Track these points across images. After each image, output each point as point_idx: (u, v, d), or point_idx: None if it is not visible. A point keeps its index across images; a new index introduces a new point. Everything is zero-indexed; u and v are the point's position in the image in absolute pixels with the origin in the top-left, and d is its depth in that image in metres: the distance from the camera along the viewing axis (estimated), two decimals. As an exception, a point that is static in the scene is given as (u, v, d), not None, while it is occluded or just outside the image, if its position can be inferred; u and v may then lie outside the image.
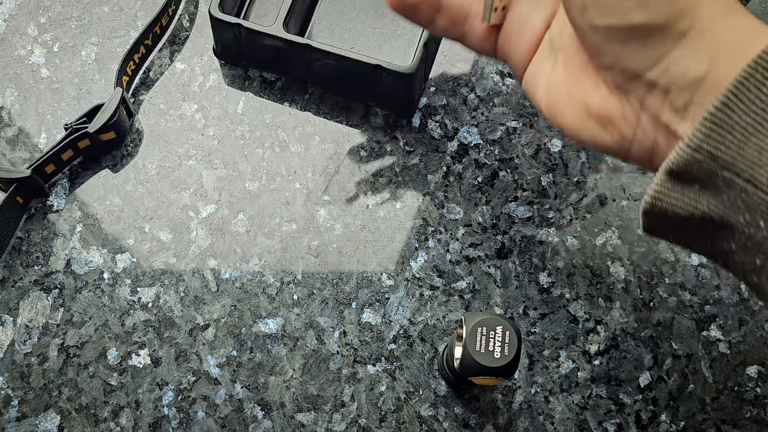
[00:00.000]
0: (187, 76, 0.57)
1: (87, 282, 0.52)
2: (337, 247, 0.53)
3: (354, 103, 0.56)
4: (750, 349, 0.51)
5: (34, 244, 0.52)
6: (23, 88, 0.56)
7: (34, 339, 0.50)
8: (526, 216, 0.54)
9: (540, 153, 0.55)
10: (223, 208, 0.54)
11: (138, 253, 0.52)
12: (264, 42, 0.53)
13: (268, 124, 0.56)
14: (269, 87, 0.57)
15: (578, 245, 0.53)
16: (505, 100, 0.56)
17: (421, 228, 0.53)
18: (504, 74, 0.57)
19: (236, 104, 0.56)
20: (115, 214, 0.53)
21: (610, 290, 0.52)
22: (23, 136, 0.55)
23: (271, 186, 0.54)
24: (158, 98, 0.56)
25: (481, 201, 0.54)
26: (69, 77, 0.57)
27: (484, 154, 0.55)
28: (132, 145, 0.55)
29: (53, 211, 0.53)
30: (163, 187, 0.54)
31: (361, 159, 0.55)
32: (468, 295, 0.52)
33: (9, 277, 0.52)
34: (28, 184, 0.51)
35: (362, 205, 0.54)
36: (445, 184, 0.54)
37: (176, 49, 0.58)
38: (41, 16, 0.58)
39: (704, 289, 0.52)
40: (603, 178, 0.54)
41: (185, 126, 0.56)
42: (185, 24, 0.58)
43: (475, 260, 0.52)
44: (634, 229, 0.53)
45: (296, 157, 0.55)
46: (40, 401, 0.49)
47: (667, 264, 0.52)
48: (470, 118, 0.56)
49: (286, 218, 0.53)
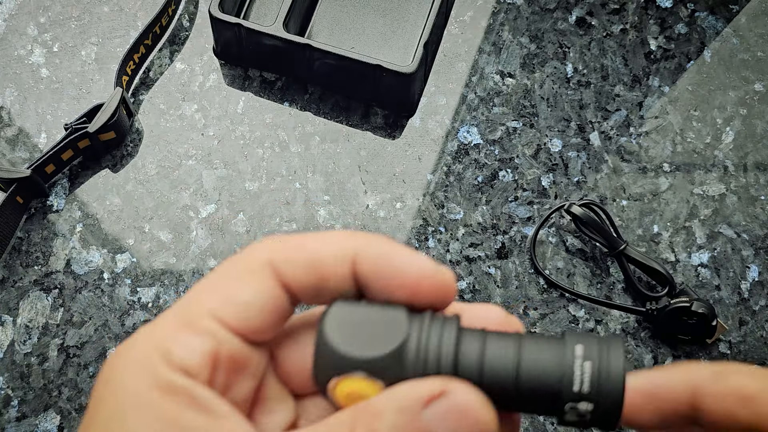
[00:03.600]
0: (187, 76, 0.57)
1: (87, 282, 0.52)
2: (337, 247, 0.53)
3: (354, 103, 0.56)
4: (750, 349, 0.51)
5: (34, 244, 0.52)
6: (23, 88, 0.56)
7: (34, 339, 0.50)
8: (526, 216, 0.53)
9: (540, 153, 0.55)
10: (223, 208, 0.54)
11: (138, 253, 0.52)
12: (264, 42, 0.53)
13: (268, 124, 0.56)
14: (269, 87, 0.57)
15: (579, 245, 0.53)
16: (505, 100, 0.56)
17: (421, 228, 0.53)
18: (504, 74, 0.57)
19: (236, 104, 0.56)
20: (115, 214, 0.53)
21: (610, 290, 0.52)
22: (23, 136, 0.55)
23: (271, 186, 0.54)
24: (158, 98, 0.56)
25: (481, 201, 0.54)
26: (69, 77, 0.57)
27: (484, 154, 0.55)
28: (132, 145, 0.55)
29: (53, 211, 0.53)
30: (163, 187, 0.54)
31: (361, 159, 0.55)
32: (468, 295, 0.52)
33: (9, 277, 0.52)
34: (28, 184, 0.51)
35: (362, 205, 0.54)
36: (445, 184, 0.54)
37: (176, 49, 0.58)
38: (41, 16, 0.58)
39: (704, 289, 0.52)
40: (603, 178, 0.54)
41: (185, 126, 0.56)
42: (185, 24, 0.58)
43: (475, 260, 0.52)
44: (634, 229, 0.53)
45: (296, 157, 0.55)
46: (40, 401, 0.49)
47: (667, 264, 0.52)
48: (470, 118, 0.56)
49: (286, 218, 0.53)
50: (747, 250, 0.53)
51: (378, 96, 0.55)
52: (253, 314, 0.22)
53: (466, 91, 0.56)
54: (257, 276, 0.23)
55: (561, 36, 0.58)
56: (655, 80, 0.57)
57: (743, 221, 0.53)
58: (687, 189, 0.54)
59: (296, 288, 0.23)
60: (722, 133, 0.56)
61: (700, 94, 0.57)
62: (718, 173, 0.55)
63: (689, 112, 0.56)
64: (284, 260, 0.23)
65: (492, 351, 0.22)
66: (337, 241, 0.23)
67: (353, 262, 0.23)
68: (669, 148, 0.55)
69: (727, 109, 0.56)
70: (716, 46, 0.58)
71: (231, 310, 0.22)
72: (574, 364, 0.21)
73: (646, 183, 0.54)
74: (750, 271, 0.52)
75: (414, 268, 0.23)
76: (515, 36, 0.58)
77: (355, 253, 0.23)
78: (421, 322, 0.22)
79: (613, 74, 0.57)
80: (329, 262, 0.23)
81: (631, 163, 0.55)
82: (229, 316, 0.22)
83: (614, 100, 0.56)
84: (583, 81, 0.57)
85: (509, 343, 0.22)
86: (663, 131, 0.56)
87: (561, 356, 0.22)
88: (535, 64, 0.57)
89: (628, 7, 0.59)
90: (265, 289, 0.23)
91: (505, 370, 0.22)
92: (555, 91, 0.56)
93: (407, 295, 0.23)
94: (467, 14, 0.59)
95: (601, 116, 0.56)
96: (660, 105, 0.56)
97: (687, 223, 0.53)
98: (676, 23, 0.58)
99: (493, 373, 0.21)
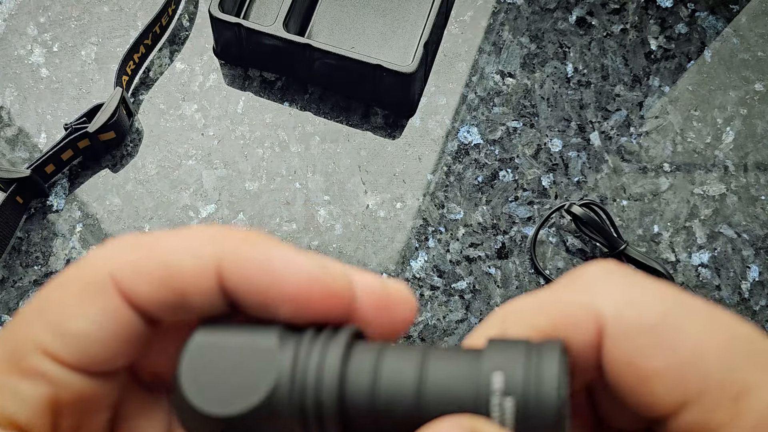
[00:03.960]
0: (187, 75, 0.57)
1: (87, 282, 0.51)
2: (337, 247, 0.53)
3: (354, 103, 0.56)
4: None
5: (34, 244, 0.52)
6: (23, 88, 0.56)
7: (33, 339, 0.50)
8: (526, 216, 0.53)
9: (540, 153, 0.55)
10: (223, 208, 0.53)
11: (138, 253, 0.52)
12: (264, 42, 0.53)
13: (268, 124, 0.56)
14: (269, 87, 0.57)
15: (579, 245, 0.53)
16: (506, 100, 0.56)
17: (421, 228, 0.53)
18: (504, 74, 0.57)
19: (236, 104, 0.56)
20: (115, 214, 0.53)
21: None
22: (23, 136, 0.55)
23: (271, 186, 0.54)
24: (158, 98, 0.56)
25: (481, 201, 0.54)
26: (69, 77, 0.57)
27: (484, 154, 0.55)
28: (132, 145, 0.55)
29: (53, 211, 0.53)
30: (163, 187, 0.54)
31: (361, 159, 0.55)
32: (468, 295, 0.52)
33: (9, 277, 0.52)
34: (28, 184, 0.51)
35: (362, 205, 0.54)
36: (445, 184, 0.54)
37: (176, 48, 0.58)
38: (41, 16, 0.58)
39: (705, 289, 0.52)
40: (603, 178, 0.54)
41: (185, 126, 0.55)
42: (185, 24, 0.58)
43: (475, 260, 0.52)
44: (635, 229, 0.53)
45: (296, 157, 0.55)
46: (40, 401, 0.49)
47: (667, 264, 0.52)
48: (470, 118, 0.56)
49: (286, 218, 0.53)
50: (747, 250, 0.53)
51: (378, 96, 0.55)
52: (94, 345, 0.18)
53: (466, 91, 0.56)
54: (96, 296, 0.18)
55: (561, 36, 0.58)
56: (656, 80, 0.57)
57: (743, 221, 0.53)
58: (687, 189, 0.54)
59: (149, 307, 0.18)
60: (722, 133, 0.56)
61: (701, 94, 0.57)
62: (719, 173, 0.55)
63: (689, 112, 0.56)
64: (130, 273, 0.18)
65: (387, 380, 0.17)
66: (197, 244, 0.18)
67: (218, 272, 0.18)
68: (669, 148, 0.55)
69: (727, 109, 0.56)
70: (716, 46, 0.58)
71: (64, 342, 0.18)
72: (489, 403, 0.17)
73: (647, 183, 0.54)
74: (750, 271, 0.52)
75: (296, 275, 0.18)
76: (515, 36, 0.58)
77: (219, 260, 0.18)
78: (298, 346, 0.18)
79: (613, 74, 0.57)
80: (187, 274, 0.18)
81: (631, 163, 0.55)
82: (63, 350, 0.18)
83: (614, 100, 0.56)
84: (584, 81, 0.57)
85: (410, 367, 0.17)
86: (663, 131, 0.56)
87: (475, 390, 0.17)
88: (535, 64, 0.57)
89: (629, 7, 0.59)
90: (106, 312, 0.18)
91: (402, 406, 0.17)
92: (555, 91, 0.56)
93: (292, 310, 0.18)
94: (467, 14, 0.59)
95: (602, 116, 0.56)
96: (660, 105, 0.56)
97: (687, 223, 0.53)
98: (676, 23, 0.58)
99: (388, 409, 0.17)
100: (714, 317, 0.18)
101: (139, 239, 0.18)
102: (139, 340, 0.19)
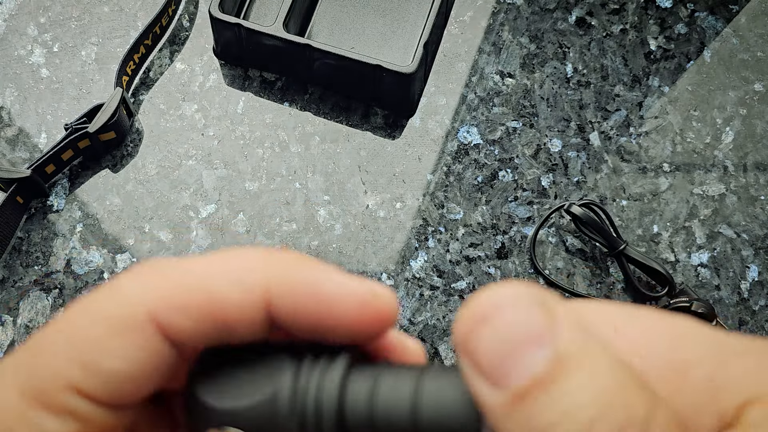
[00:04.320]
0: (187, 76, 0.57)
1: (87, 282, 0.52)
2: (337, 247, 0.53)
3: (354, 103, 0.56)
4: (750, 349, 0.51)
5: (34, 244, 0.52)
6: (23, 88, 0.56)
7: (34, 339, 0.50)
8: (525, 216, 0.54)
9: (540, 153, 0.55)
10: (223, 208, 0.54)
11: (138, 253, 0.52)
12: (264, 42, 0.53)
13: (268, 124, 0.56)
14: (269, 87, 0.57)
15: (579, 245, 0.53)
16: (505, 100, 0.56)
17: (421, 228, 0.53)
18: (504, 74, 0.57)
19: (236, 104, 0.56)
20: (115, 214, 0.53)
21: (610, 290, 0.52)
22: (23, 136, 0.55)
23: (271, 186, 0.54)
24: (158, 98, 0.56)
25: (481, 201, 0.54)
26: (69, 77, 0.57)
27: (484, 154, 0.55)
28: (132, 145, 0.55)
29: (53, 211, 0.53)
30: (163, 187, 0.54)
31: (361, 159, 0.55)
32: (468, 295, 0.52)
33: (9, 277, 0.52)
34: (28, 184, 0.51)
35: (362, 205, 0.54)
36: (445, 184, 0.54)
37: (176, 49, 0.58)
38: (41, 16, 0.58)
39: (704, 289, 0.52)
40: (603, 178, 0.54)
41: (185, 126, 0.56)
42: (185, 24, 0.58)
43: (475, 260, 0.52)
44: (634, 229, 0.53)
45: (296, 157, 0.55)
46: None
47: (667, 264, 0.52)
48: (470, 118, 0.56)
49: (286, 218, 0.53)
50: (747, 250, 0.53)
51: (378, 96, 0.55)
52: (128, 381, 0.17)
53: (466, 91, 0.56)
54: (134, 334, 0.17)
55: (561, 36, 0.58)
56: (655, 80, 0.57)
57: (743, 221, 0.53)
58: (687, 189, 0.54)
59: (189, 341, 0.18)
60: (722, 133, 0.56)
61: (700, 94, 0.57)
62: (718, 173, 0.55)
63: (689, 112, 0.56)
64: (170, 309, 0.17)
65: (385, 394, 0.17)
66: (242, 271, 0.17)
67: (266, 300, 0.17)
68: (669, 148, 0.55)
69: (726, 109, 0.56)
70: (716, 46, 0.58)
71: (98, 380, 0.17)
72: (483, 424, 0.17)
73: (646, 183, 0.54)
74: (750, 271, 0.52)
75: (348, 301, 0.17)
76: (515, 36, 0.58)
77: (267, 287, 0.17)
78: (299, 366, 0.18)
79: (613, 74, 0.57)
80: (233, 305, 0.17)
81: (631, 163, 0.55)
82: (96, 388, 0.17)
83: (614, 100, 0.56)
84: (583, 81, 0.57)
85: (406, 381, 0.18)
86: (663, 131, 0.56)
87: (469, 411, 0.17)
88: (535, 64, 0.57)
89: (628, 7, 0.59)
90: (143, 350, 0.17)
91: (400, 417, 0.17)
92: (555, 91, 0.56)
93: (343, 334, 0.18)
94: (467, 14, 0.59)
95: (601, 116, 0.56)
96: (660, 105, 0.56)
97: (687, 223, 0.53)
98: (676, 23, 0.58)
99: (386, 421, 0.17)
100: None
101: (177, 265, 0.17)
102: (171, 369, 0.18)
